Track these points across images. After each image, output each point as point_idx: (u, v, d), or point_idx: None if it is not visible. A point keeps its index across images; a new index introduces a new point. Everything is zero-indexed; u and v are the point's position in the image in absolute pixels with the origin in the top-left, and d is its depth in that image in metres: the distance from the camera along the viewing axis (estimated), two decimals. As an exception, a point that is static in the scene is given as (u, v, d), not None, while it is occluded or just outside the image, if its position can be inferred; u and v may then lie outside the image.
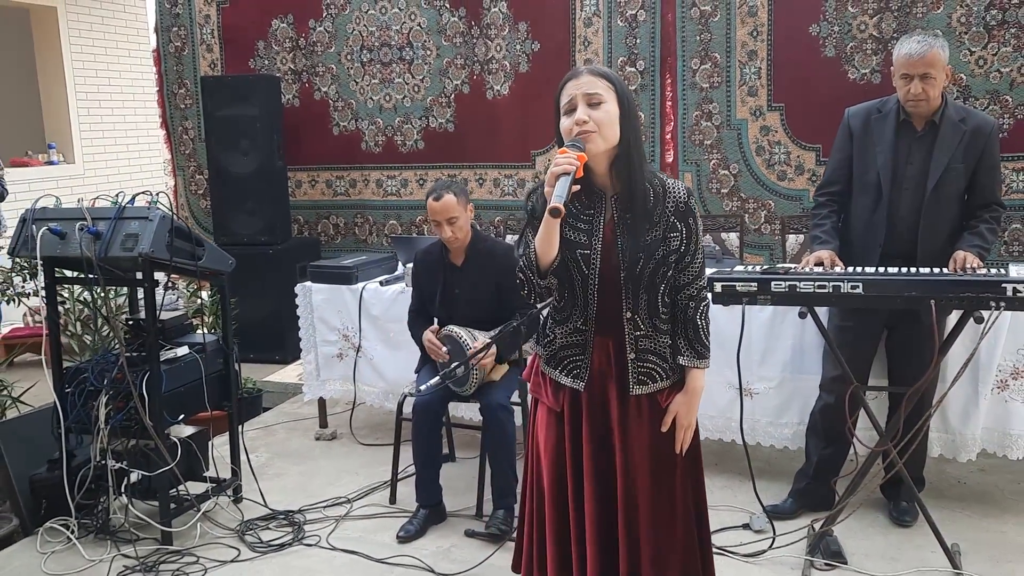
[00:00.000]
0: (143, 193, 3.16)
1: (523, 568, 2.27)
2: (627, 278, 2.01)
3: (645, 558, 2.07)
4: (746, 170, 5.05)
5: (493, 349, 3.11)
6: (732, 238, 4.88)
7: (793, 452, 3.54)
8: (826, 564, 2.93)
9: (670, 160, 5.17)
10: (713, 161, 5.10)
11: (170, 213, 3.13)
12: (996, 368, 3.20)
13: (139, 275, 3.17)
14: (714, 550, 3.01)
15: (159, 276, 3.21)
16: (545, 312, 2.20)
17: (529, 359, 2.27)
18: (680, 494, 2.13)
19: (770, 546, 3.05)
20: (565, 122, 1.99)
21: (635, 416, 2.08)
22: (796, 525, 3.18)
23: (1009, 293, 2.50)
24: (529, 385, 2.24)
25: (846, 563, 2.93)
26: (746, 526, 3.23)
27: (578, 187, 1.93)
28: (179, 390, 3.26)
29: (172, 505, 3.24)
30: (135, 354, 3.17)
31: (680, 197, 2.05)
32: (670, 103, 5.13)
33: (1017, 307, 2.52)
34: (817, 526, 3.01)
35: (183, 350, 3.33)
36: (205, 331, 3.56)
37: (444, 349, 3.24)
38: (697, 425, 2.12)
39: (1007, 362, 3.20)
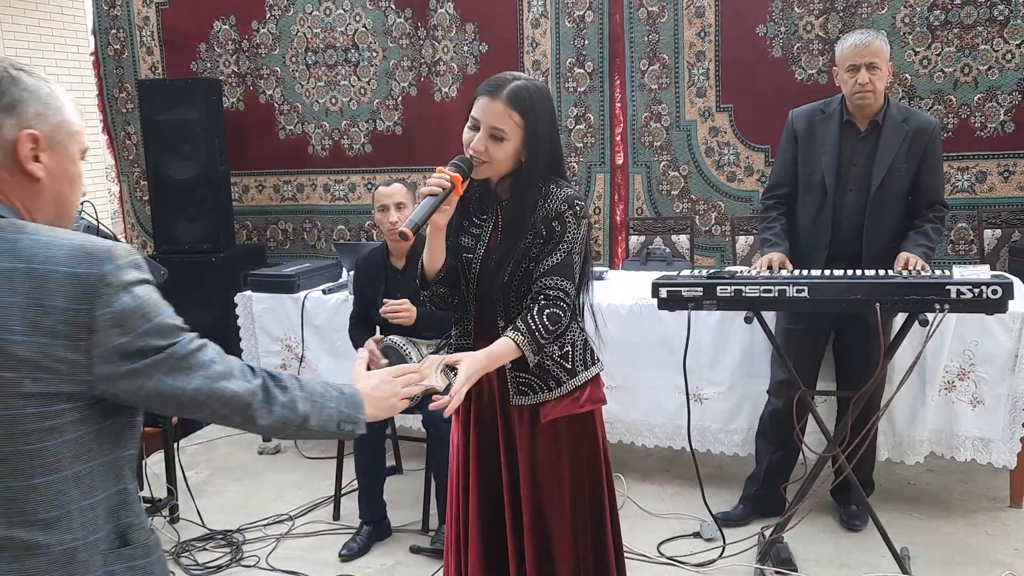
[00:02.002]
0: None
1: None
2: (500, 286, 1.96)
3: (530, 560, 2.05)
4: (696, 171, 5.02)
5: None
6: (683, 240, 4.85)
7: (744, 458, 3.51)
8: (776, 572, 2.89)
9: (620, 162, 5.13)
10: (663, 163, 5.06)
11: (95, 222, 2.99)
12: (943, 370, 3.19)
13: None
14: (664, 560, 3.01)
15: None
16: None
17: None
18: (569, 509, 2.06)
19: (720, 555, 3.00)
20: (466, 134, 1.94)
21: (513, 425, 2.05)
22: (747, 532, 3.14)
23: (953, 295, 2.47)
24: None
25: (796, 570, 2.90)
26: (697, 534, 3.19)
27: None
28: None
29: (103, 527, 3.10)
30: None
31: (556, 206, 1.93)
32: (619, 105, 5.09)
33: (961, 309, 2.50)
34: (768, 533, 2.97)
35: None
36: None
37: (384, 361, 3.15)
38: (604, 431, 2.11)
39: (953, 364, 3.20)
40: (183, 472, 3.46)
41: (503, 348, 1.88)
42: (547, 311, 1.90)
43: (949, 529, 3.16)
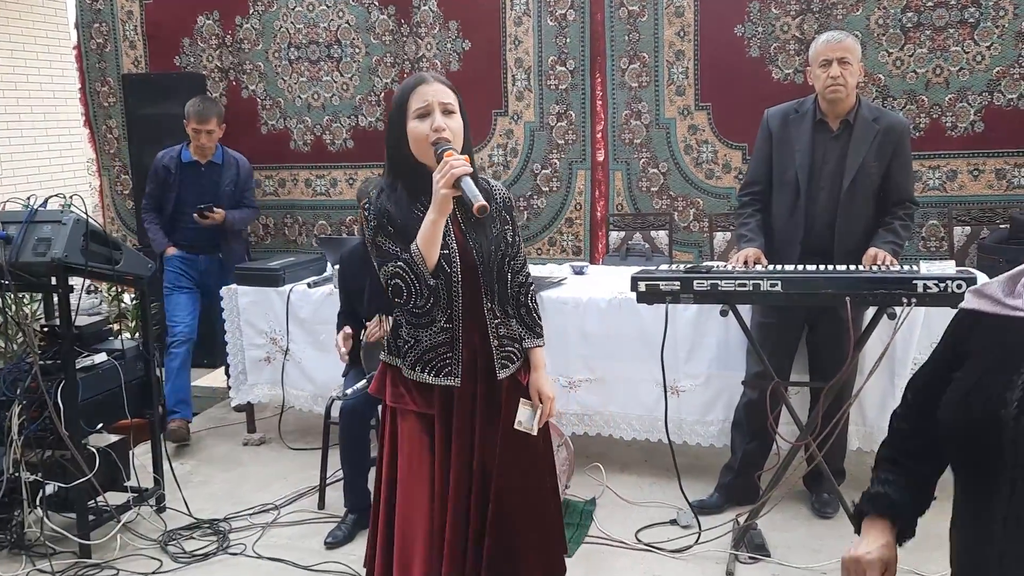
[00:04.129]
0: (56, 196, 3.06)
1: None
2: (484, 272, 2.11)
3: (501, 540, 2.16)
4: (675, 169, 5.11)
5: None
6: (662, 236, 4.94)
7: (720, 449, 3.59)
8: (750, 557, 2.98)
9: (601, 159, 5.21)
10: (643, 160, 5.15)
11: (85, 216, 3.03)
12: (912, 362, 3.30)
13: (53, 280, 3.07)
14: (641, 547, 3.09)
15: (76, 281, 3.11)
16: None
17: (376, 372, 2.23)
18: (538, 470, 2.27)
19: (696, 541, 3.09)
20: (419, 126, 2.01)
21: (496, 401, 2.17)
22: (722, 519, 3.23)
23: (920, 290, 2.58)
24: (386, 399, 2.18)
25: (769, 556, 2.99)
26: (673, 522, 3.28)
27: (464, 192, 1.95)
28: (97, 398, 3.17)
29: (91, 517, 3.15)
30: (50, 362, 3.07)
31: (504, 194, 2.21)
32: (600, 102, 5.17)
33: (927, 303, 2.60)
34: (742, 520, 3.06)
35: (101, 357, 3.24)
36: (123, 337, 3.46)
37: (343, 351, 3.23)
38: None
39: (922, 356, 3.29)
40: (170, 462, 3.50)
41: (540, 357, 2.27)
42: (532, 302, 2.27)
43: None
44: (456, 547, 2.12)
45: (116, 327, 4.39)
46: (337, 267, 3.60)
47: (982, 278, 3.65)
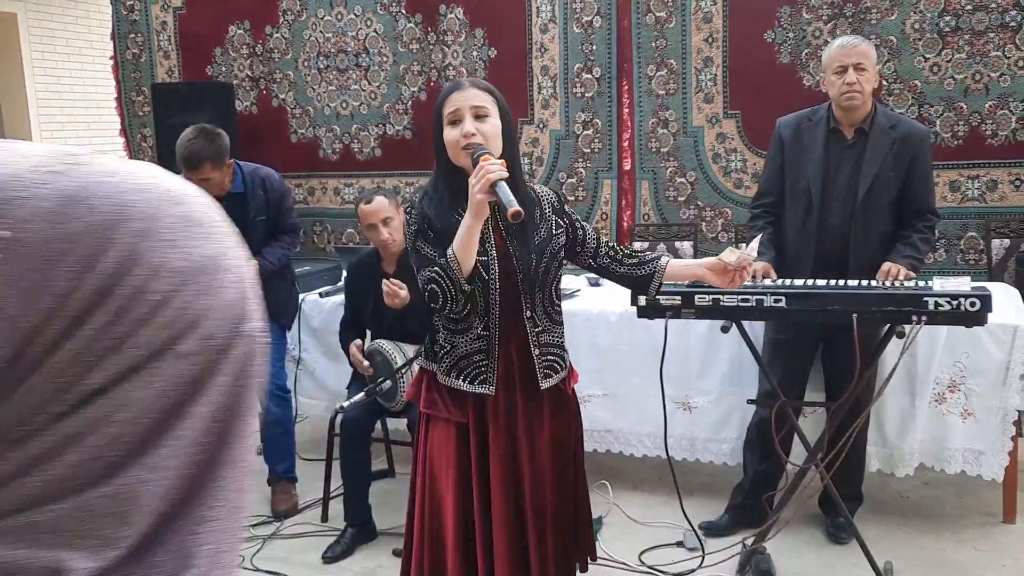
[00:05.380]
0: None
1: None
2: (524, 280, 2.07)
3: (551, 558, 2.15)
4: (703, 178, 4.99)
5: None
6: (686, 247, 4.83)
7: (735, 467, 3.48)
8: (755, 583, 2.87)
9: (628, 168, 5.11)
10: (670, 169, 5.04)
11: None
12: (933, 382, 3.14)
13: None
14: (644, 568, 3.00)
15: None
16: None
17: (414, 378, 2.23)
18: (577, 483, 2.29)
19: (700, 564, 2.98)
20: (450, 133, 2.02)
21: (539, 415, 2.15)
22: (730, 542, 3.11)
23: (931, 307, 2.44)
24: (420, 405, 2.17)
25: (775, 582, 2.87)
26: (680, 543, 3.17)
27: (499, 197, 1.95)
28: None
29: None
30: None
31: (551, 198, 2.21)
32: (627, 110, 5.08)
33: (938, 321, 2.47)
34: (749, 543, 2.95)
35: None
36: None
37: (366, 364, 3.18)
38: (581, 422, 2.33)
39: (944, 375, 3.15)
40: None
41: (676, 264, 2.32)
42: (624, 248, 2.33)
43: (937, 544, 3.11)
44: (510, 560, 2.10)
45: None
46: (345, 274, 3.58)
47: (1012, 293, 3.48)
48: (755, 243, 2.31)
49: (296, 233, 3.82)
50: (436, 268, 1.99)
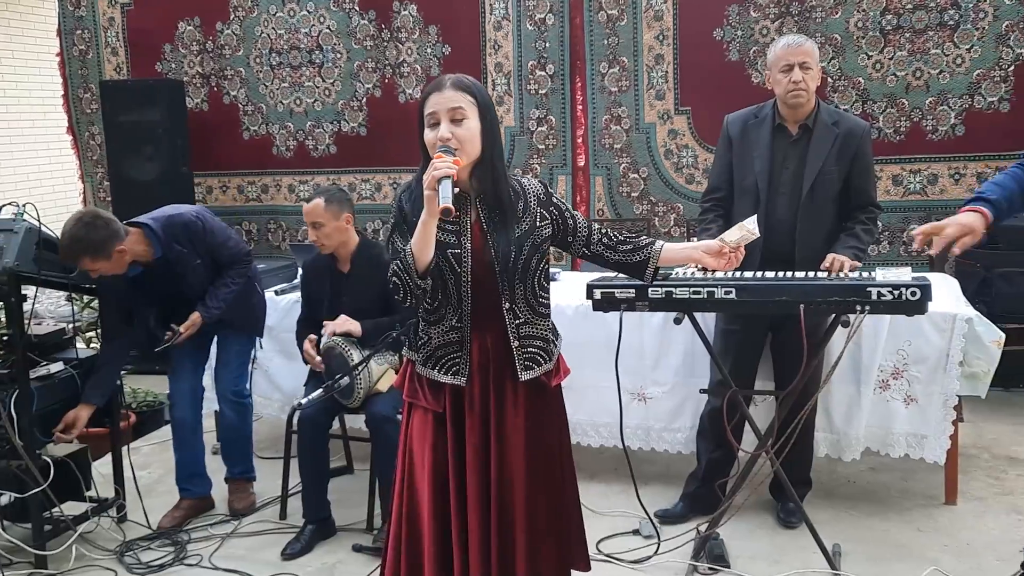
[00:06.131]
0: (9, 204, 3.05)
1: None
2: (502, 272, 2.09)
3: (521, 553, 2.13)
4: (655, 173, 5.07)
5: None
6: (640, 241, 4.89)
7: (689, 456, 3.54)
8: (709, 568, 2.93)
9: (581, 164, 5.17)
10: (623, 165, 5.11)
11: (37, 224, 3.01)
12: (877, 369, 3.24)
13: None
14: (601, 557, 3.05)
15: (29, 290, 3.10)
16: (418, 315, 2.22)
17: (401, 367, 2.26)
18: (565, 485, 2.27)
19: (656, 551, 3.04)
20: (429, 135, 2.04)
21: (513, 406, 2.15)
22: (684, 529, 3.18)
23: (874, 297, 2.53)
24: (404, 393, 2.21)
25: (729, 566, 2.94)
26: (636, 532, 3.23)
27: (458, 189, 1.99)
28: (54, 407, 3.15)
29: (47, 527, 3.12)
30: (4, 371, 3.05)
31: (538, 191, 2.19)
32: (580, 107, 5.13)
33: (881, 310, 2.55)
34: (703, 530, 3.02)
35: (58, 366, 3.22)
36: (78, 346, 3.44)
37: (318, 359, 3.19)
38: (567, 417, 2.34)
39: (887, 363, 3.25)
40: (133, 472, 3.47)
41: (670, 248, 2.33)
42: (621, 233, 2.31)
43: (883, 526, 3.21)
44: (483, 551, 2.11)
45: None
46: (300, 272, 3.57)
47: (951, 283, 3.61)
48: (753, 220, 2.32)
49: (240, 261, 3.41)
50: (397, 262, 2.03)
